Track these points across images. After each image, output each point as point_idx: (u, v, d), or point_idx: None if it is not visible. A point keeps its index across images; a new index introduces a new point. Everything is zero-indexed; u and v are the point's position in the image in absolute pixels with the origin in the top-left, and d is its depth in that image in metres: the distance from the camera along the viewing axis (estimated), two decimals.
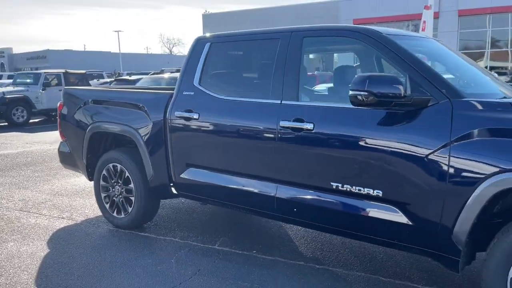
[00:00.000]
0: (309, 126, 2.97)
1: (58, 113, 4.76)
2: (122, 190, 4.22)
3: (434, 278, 3.21)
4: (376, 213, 2.76)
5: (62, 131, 4.75)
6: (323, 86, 4.91)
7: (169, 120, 3.75)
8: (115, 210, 4.31)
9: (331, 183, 2.92)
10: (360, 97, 2.59)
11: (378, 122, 2.69)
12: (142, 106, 3.96)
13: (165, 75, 12.72)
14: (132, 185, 4.12)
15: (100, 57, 56.26)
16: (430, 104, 2.57)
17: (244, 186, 3.41)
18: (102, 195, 4.39)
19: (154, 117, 3.85)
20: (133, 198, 4.14)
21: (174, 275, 3.30)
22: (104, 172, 4.33)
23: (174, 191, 3.96)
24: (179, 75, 3.86)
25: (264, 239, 4.03)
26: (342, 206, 2.91)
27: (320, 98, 3.98)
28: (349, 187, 2.85)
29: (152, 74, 17.11)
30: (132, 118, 4.02)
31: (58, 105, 4.77)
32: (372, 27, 3.06)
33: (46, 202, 5.27)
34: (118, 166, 4.20)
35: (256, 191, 3.33)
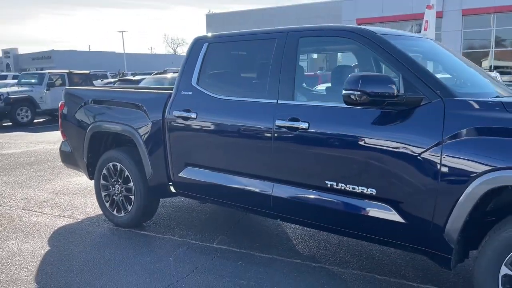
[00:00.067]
0: (304, 125, 3.00)
1: (59, 112, 4.82)
2: (122, 189, 4.27)
3: (429, 276, 3.24)
4: (370, 211, 2.79)
5: (63, 131, 4.81)
6: (324, 86, 4.93)
7: (167, 119, 3.79)
8: (115, 209, 4.36)
9: (326, 182, 2.95)
10: (353, 96, 2.62)
11: (371, 121, 2.72)
12: (141, 106, 4.00)
13: (168, 75, 12.76)
14: (131, 184, 4.17)
15: (104, 57, 56.55)
16: (422, 103, 2.60)
17: (240, 184, 3.44)
18: (103, 194, 4.44)
19: (153, 116, 3.89)
20: (132, 197, 4.18)
21: (172, 273, 3.34)
22: (104, 171, 4.38)
23: (173, 190, 4.00)
24: (178, 75, 3.90)
25: (262, 238, 4.06)
26: (337, 205, 2.93)
27: (316, 97, 4.00)
28: (343, 186, 2.88)
29: (155, 74, 17.17)
30: (131, 117, 4.07)
31: (60, 105, 4.83)
32: (367, 27, 3.09)
33: (48, 200, 5.33)
34: (118, 165, 4.24)
35: (252, 190, 3.36)
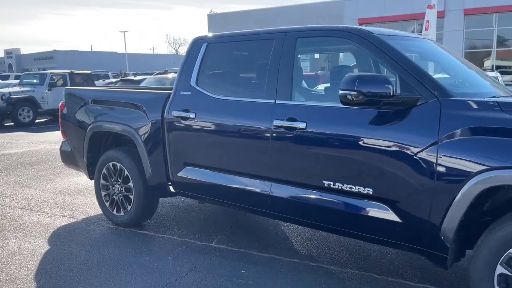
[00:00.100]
0: (301, 125, 3.01)
1: (60, 112, 4.84)
2: (121, 189, 4.29)
3: (427, 275, 3.24)
4: (366, 211, 2.80)
5: (64, 131, 4.84)
6: (324, 86, 4.94)
7: (166, 119, 3.81)
8: (115, 208, 4.38)
9: (324, 182, 2.97)
10: (350, 96, 2.63)
11: (368, 121, 2.73)
12: (140, 106, 4.02)
13: (169, 75, 12.80)
14: (131, 183, 4.19)
15: (106, 57, 56.65)
16: (419, 103, 2.61)
17: (239, 184, 3.46)
18: (102, 194, 4.46)
19: (152, 116, 3.91)
20: (132, 197, 4.20)
21: (171, 272, 3.36)
22: (104, 171, 4.40)
23: (172, 190, 4.02)
24: (177, 75, 3.92)
25: (261, 237, 4.08)
26: (334, 204, 2.95)
27: (314, 97, 4.02)
28: (340, 185, 2.89)
29: (156, 74, 17.21)
30: (131, 117, 4.09)
31: (60, 105, 4.85)
32: (364, 27, 3.10)
33: (48, 200, 5.35)
34: (118, 165, 4.26)
35: (251, 189, 3.38)
